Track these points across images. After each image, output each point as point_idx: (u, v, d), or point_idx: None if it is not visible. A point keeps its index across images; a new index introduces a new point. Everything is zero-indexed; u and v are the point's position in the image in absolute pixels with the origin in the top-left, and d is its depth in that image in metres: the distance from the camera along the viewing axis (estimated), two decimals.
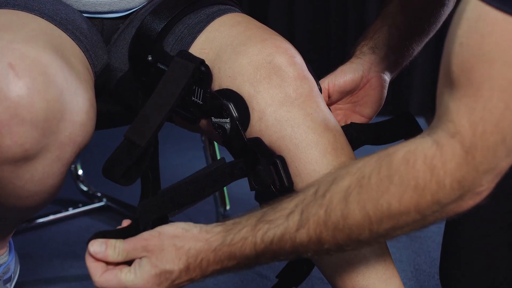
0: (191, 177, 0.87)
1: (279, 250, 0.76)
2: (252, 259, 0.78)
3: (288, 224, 0.76)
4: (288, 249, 0.76)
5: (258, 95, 0.89)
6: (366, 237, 0.74)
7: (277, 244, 0.76)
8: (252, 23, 0.97)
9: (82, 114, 0.85)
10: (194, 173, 0.88)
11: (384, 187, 0.71)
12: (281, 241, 0.76)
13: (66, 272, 1.42)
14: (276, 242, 0.76)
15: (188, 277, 0.78)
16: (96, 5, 1.03)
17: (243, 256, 0.78)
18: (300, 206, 0.76)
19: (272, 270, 1.40)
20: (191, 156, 2.21)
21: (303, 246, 0.76)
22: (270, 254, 0.77)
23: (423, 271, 1.40)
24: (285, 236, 0.76)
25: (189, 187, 0.87)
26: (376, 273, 0.88)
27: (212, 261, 0.78)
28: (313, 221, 0.74)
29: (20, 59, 0.80)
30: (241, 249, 0.78)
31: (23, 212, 0.99)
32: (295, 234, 0.75)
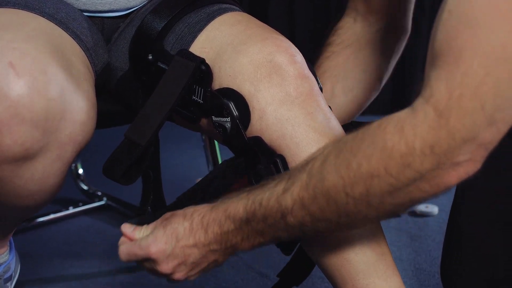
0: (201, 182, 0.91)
1: (268, 214, 0.78)
2: (244, 222, 0.80)
3: (276, 188, 0.78)
4: (275, 214, 0.77)
5: (258, 94, 0.89)
6: (343, 202, 0.73)
7: (265, 207, 0.78)
8: (252, 22, 0.97)
9: (83, 113, 0.85)
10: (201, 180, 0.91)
11: (356, 149, 0.72)
12: (268, 204, 0.78)
13: (66, 271, 1.42)
14: (265, 205, 0.78)
15: (193, 239, 0.82)
16: (97, 4, 1.03)
17: (237, 217, 0.80)
18: (289, 174, 0.78)
19: (273, 269, 1.40)
20: (192, 155, 2.21)
21: (288, 210, 0.76)
22: (259, 218, 0.78)
23: (424, 270, 1.40)
24: (272, 199, 0.78)
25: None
26: (377, 272, 0.88)
27: (211, 220, 0.82)
28: (296, 185, 0.76)
29: (20, 58, 0.80)
30: (235, 209, 0.80)
31: (24, 211, 0.99)
32: (281, 198, 0.77)
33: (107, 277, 1.39)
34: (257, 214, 0.79)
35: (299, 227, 0.78)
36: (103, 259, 1.47)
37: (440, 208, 1.72)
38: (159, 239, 0.84)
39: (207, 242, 0.83)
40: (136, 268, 1.43)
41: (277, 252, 1.46)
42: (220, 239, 0.82)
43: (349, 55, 1.10)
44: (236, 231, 0.81)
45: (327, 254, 0.89)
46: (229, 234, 0.82)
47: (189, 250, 0.83)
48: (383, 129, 0.70)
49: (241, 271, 1.41)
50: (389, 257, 0.90)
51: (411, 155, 0.68)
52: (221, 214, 0.82)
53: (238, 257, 1.47)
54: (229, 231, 0.82)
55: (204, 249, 0.83)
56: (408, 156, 0.68)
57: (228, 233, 0.82)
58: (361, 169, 0.71)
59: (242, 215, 0.80)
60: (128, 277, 1.39)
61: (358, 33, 1.11)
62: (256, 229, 0.80)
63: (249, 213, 0.79)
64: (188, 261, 0.84)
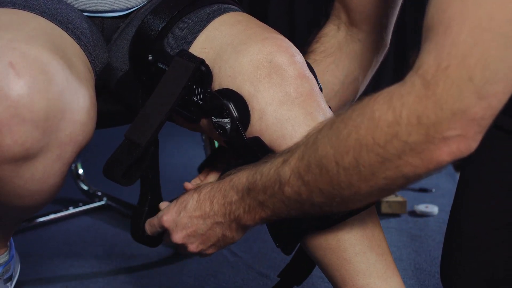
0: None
1: (267, 185, 0.79)
2: (245, 192, 0.82)
3: (276, 159, 0.80)
4: (273, 184, 0.79)
5: (258, 94, 0.89)
6: (334, 172, 0.73)
7: (265, 177, 0.80)
8: (252, 22, 0.97)
9: (83, 113, 0.85)
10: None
11: (347, 119, 0.72)
12: (268, 174, 0.80)
13: (67, 271, 1.42)
14: (265, 175, 0.80)
15: (199, 210, 0.86)
16: (97, 4, 1.03)
17: (240, 187, 0.83)
18: (290, 147, 0.80)
19: (273, 269, 1.40)
20: (191, 155, 2.21)
21: (286, 181, 0.77)
22: (260, 188, 0.80)
23: (424, 270, 1.40)
24: (271, 170, 0.79)
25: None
26: (377, 272, 0.88)
27: (217, 191, 0.85)
28: (294, 157, 0.77)
29: (20, 58, 0.80)
30: (239, 179, 0.83)
31: (24, 211, 0.99)
32: (280, 169, 0.78)
33: (107, 277, 1.39)
34: (258, 184, 0.80)
35: (296, 199, 0.78)
36: (103, 259, 1.48)
37: (440, 208, 1.72)
38: (171, 210, 0.91)
39: (212, 213, 0.86)
40: (136, 268, 1.44)
41: (277, 252, 1.46)
42: (224, 210, 0.85)
43: (329, 64, 1.10)
44: (239, 201, 0.83)
45: (327, 254, 0.89)
46: (232, 204, 0.84)
47: (196, 221, 0.87)
48: (373, 100, 0.71)
49: (241, 271, 1.41)
50: (389, 257, 0.90)
51: (397, 125, 0.68)
52: (226, 185, 0.85)
53: (238, 257, 1.47)
54: (232, 202, 0.84)
55: (209, 220, 0.86)
56: (395, 126, 0.68)
57: (231, 204, 0.84)
58: (350, 138, 0.71)
59: (244, 185, 0.82)
60: (128, 277, 1.39)
61: (340, 42, 1.11)
62: (257, 200, 0.81)
63: (251, 183, 0.81)
64: (196, 233, 0.88)
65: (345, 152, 0.72)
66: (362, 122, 0.70)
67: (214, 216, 0.86)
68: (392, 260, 0.90)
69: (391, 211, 1.69)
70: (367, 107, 0.71)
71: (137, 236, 1.00)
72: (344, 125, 0.72)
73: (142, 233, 1.00)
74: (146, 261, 1.47)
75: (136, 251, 1.50)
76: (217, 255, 1.48)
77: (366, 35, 1.11)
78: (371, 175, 0.71)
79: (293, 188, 0.77)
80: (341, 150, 0.72)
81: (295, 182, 0.77)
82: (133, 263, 1.46)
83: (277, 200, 0.80)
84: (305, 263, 1.01)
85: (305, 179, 0.76)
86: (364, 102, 0.72)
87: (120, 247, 1.53)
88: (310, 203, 0.78)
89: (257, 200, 0.81)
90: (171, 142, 2.31)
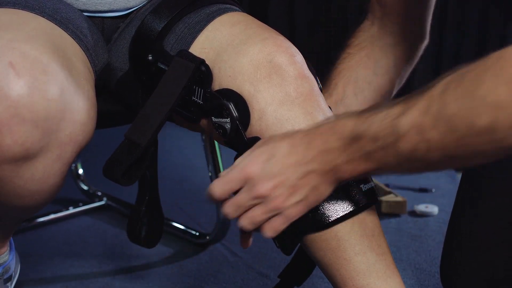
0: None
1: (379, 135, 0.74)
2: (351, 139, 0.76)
3: (391, 110, 0.75)
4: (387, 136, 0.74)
5: (258, 94, 0.89)
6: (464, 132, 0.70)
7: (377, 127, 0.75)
8: (252, 22, 0.97)
9: (83, 113, 0.85)
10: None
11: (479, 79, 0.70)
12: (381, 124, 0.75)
13: (67, 271, 1.42)
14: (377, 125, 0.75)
15: (294, 156, 0.78)
16: (97, 4, 1.03)
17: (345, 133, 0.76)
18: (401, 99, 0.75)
19: (273, 269, 1.40)
20: (191, 155, 2.21)
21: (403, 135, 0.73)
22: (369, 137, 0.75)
23: (424, 270, 1.40)
24: (385, 121, 0.74)
25: None
26: (377, 272, 0.88)
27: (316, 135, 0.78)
28: (414, 110, 0.73)
29: (20, 58, 0.80)
30: (343, 126, 0.77)
31: (24, 211, 0.99)
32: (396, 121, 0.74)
33: (107, 277, 1.39)
34: (367, 133, 0.75)
35: (409, 154, 0.74)
36: (103, 259, 1.48)
37: (440, 208, 1.72)
38: (257, 157, 0.81)
39: (307, 159, 0.78)
40: (136, 268, 1.43)
41: (277, 252, 1.46)
42: (321, 158, 0.78)
43: (362, 57, 1.13)
44: (342, 148, 0.77)
45: (327, 254, 0.89)
46: (333, 152, 0.77)
47: (288, 169, 0.79)
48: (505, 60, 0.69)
49: (241, 271, 1.41)
50: (389, 257, 0.90)
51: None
52: (327, 130, 0.78)
53: (238, 257, 1.47)
54: (333, 149, 0.77)
55: (303, 168, 0.78)
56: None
57: (332, 151, 0.77)
58: (487, 100, 0.69)
59: (350, 132, 0.76)
60: (128, 277, 1.39)
61: (373, 36, 1.14)
62: (363, 150, 0.76)
63: (358, 131, 0.76)
64: (287, 182, 0.79)
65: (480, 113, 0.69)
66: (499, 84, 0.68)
67: (309, 163, 0.78)
68: (392, 260, 0.90)
69: (391, 211, 1.69)
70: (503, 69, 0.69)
71: (134, 236, 1.00)
72: (477, 85, 0.70)
73: (139, 234, 0.99)
74: (146, 261, 1.47)
75: (136, 251, 1.50)
76: (217, 255, 1.48)
77: (399, 28, 1.13)
78: (504, 138, 0.69)
79: (409, 143, 0.73)
80: (475, 111, 0.69)
81: (414, 137, 0.72)
82: (133, 263, 1.46)
83: (387, 154, 0.75)
84: (305, 263, 1.01)
85: (429, 136, 0.72)
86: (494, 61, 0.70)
87: (120, 247, 1.53)
88: (423, 161, 0.74)
89: (362, 151, 0.76)
90: (170, 142, 2.31)
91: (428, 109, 0.72)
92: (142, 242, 1.01)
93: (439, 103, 0.71)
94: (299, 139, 0.79)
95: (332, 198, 0.86)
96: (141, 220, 0.99)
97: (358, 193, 0.88)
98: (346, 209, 0.87)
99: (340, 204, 0.87)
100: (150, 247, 1.02)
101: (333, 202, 0.86)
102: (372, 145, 0.75)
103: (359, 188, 0.88)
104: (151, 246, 1.02)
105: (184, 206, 1.76)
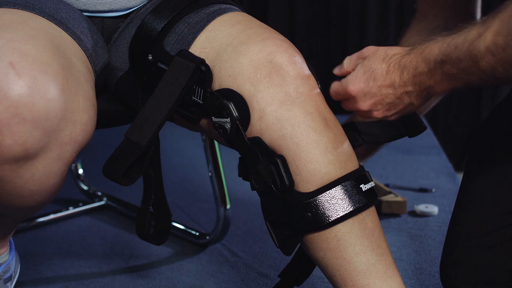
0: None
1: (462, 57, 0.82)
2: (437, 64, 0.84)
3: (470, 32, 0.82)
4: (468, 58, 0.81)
5: (258, 94, 0.89)
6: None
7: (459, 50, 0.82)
8: (252, 22, 0.97)
9: (83, 113, 0.85)
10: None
11: None
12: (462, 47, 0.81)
13: (67, 271, 1.42)
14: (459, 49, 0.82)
15: (389, 80, 0.88)
16: (97, 4, 1.03)
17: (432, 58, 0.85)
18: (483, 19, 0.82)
19: (273, 269, 1.40)
20: (192, 155, 2.21)
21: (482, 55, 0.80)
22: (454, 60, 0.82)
23: (424, 270, 1.40)
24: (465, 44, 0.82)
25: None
26: (377, 272, 0.88)
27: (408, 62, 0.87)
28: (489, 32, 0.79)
29: (20, 58, 0.80)
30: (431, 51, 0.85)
31: (24, 211, 0.99)
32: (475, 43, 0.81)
33: (107, 277, 1.39)
34: (451, 57, 0.83)
35: (490, 73, 0.81)
36: (103, 259, 1.48)
37: (440, 208, 1.72)
38: (358, 79, 0.91)
39: (402, 83, 0.88)
40: (136, 268, 1.43)
41: (277, 252, 1.46)
42: (414, 81, 0.87)
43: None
44: (430, 73, 0.85)
45: (327, 254, 0.89)
46: (423, 75, 0.86)
47: (385, 90, 0.89)
48: None
49: (241, 271, 1.41)
50: (389, 257, 0.90)
51: None
52: (417, 56, 0.86)
53: (238, 257, 1.47)
54: (423, 73, 0.86)
55: (399, 90, 0.88)
56: None
57: (422, 75, 0.86)
58: None
59: (436, 56, 0.84)
60: (128, 277, 1.39)
61: (419, 31, 1.18)
62: (450, 73, 0.84)
63: (444, 55, 0.83)
64: (384, 101, 0.90)
65: None
66: None
67: (404, 86, 0.87)
68: (392, 260, 0.90)
69: (391, 211, 1.69)
70: None
71: (143, 235, 1.02)
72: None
73: (148, 232, 1.00)
74: (146, 261, 1.47)
75: (136, 251, 1.50)
76: (217, 255, 1.48)
77: (444, 22, 1.16)
78: None
79: (488, 64, 0.80)
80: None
81: (490, 58, 0.79)
82: (133, 263, 1.46)
83: (470, 74, 0.82)
84: (305, 263, 1.01)
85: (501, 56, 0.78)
86: None
87: (120, 247, 1.53)
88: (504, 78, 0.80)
89: (449, 73, 0.83)
90: (171, 142, 2.31)
91: (500, 31, 0.78)
92: (152, 239, 1.02)
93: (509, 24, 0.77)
94: (393, 65, 0.88)
95: (333, 197, 0.86)
96: (148, 218, 1.00)
97: (358, 193, 0.88)
98: (346, 209, 0.87)
99: (340, 204, 0.87)
100: (160, 244, 1.04)
101: (333, 202, 0.86)
102: (456, 68, 0.83)
103: (359, 188, 0.88)
104: (161, 243, 1.03)
105: (184, 206, 1.77)
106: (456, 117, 2.65)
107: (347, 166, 0.89)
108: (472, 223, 1.04)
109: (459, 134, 2.65)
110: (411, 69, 0.87)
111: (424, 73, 0.85)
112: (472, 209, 1.05)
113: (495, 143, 1.05)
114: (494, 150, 1.04)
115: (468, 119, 2.64)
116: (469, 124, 2.64)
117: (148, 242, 1.03)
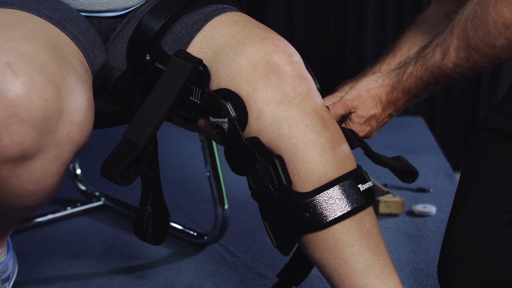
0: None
1: (436, 78, 0.95)
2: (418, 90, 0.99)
3: (435, 56, 0.95)
4: (439, 76, 0.95)
5: (256, 94, 0.89)
6: (502, 43, 0.87)
7: (433, 71, 0.95)
8: (250, 22, 0.97)
9: (80, 113, 0.85)
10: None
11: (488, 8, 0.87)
12: (434, 70, 0.95)
13: (65, 272, 1.42)
14: (433, 70, 0.95)
15: (387, 113, 1.04)
16: (94, 4, 1.03)
17: (413, 88, 0.99)
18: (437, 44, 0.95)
19: (271, 269, 1.40)
20: (190, 155, 2.21)
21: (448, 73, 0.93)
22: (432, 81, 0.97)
23: (422, 270, 1.40)
24: (435, 68, 0.95)
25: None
26: (375, 272, 0.88)
27: (400, 97, 1.01)
28: (452, 49, 0.92)
29: (18, 58, 0.80)
30: (410, 84, 0.99)
31: (22, 211, 0.99)
32: (440, 63, 0.94)
33: (105, 277, 1.39)
34: (430, 82, 0.97)
35: (461, 77, 0.94)
36: (102, 259, 1.48)
37: (438, 208, 1.73)
38: (361, 126, 1.05)
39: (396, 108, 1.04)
40: (135, 268, 1.43)
41: (275, 252, 1.46)
42: (405, 103, 1.03)
43: (426, 27, 1.23)
44: (410, 98, 1.01)
45: (325, 254, 0.89)
46: (402, 100, 1.02)
47: (385, 119, 1.05)
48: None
49: (239, 271, 1.41)
50: (387, 257, 0.90)
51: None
52: (399, 91, 1.01)
53: (237, 257, 1.47)
54: (403, 99, 1.02)
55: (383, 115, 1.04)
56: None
57: (402, 100, 1.02)
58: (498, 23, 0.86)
59: (417, 87, 0.99)
60: (127, 277, 1.39)
61: (431, 20, 1.23)
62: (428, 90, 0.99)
63: (423, 84, 0.98)
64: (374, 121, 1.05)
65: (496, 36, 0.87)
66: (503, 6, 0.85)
67: (385, 114, 1.04)
68: (390, 260, 0.90)
69: (389, 211, 1.69)
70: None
71: (141, 235, 1.02)
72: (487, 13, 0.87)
73: (146, 232, 1.00)
74: (144, 261, 1.47)
75: (134, 251, 1.50)
76: (215, 255, 1.48)
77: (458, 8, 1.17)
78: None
79: (458, 73, 0.94)
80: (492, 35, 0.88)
81: (458, 70, 0.93)
82: (132, 263, 1.46)
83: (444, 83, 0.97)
84: (303, 264, 1.01)
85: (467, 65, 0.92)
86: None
87: (118, 247, 1.53)
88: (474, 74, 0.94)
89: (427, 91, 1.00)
90: (169, 142, 2.31)
91: (459, 46, 0.91)
92: (150, 239, 1.02)
93: (465, 39, 0.90)
94: (386, 104, 1.03)
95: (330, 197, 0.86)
96: (147, 219, 1.00)
97: (356, 193, 0.88)
98: (344, 209, 0.87)
99: (338, 204, 0.87)
100: (158, 244, 1.03)
101: (331, 202, 0.87)
102: (434, 88, 0.98)
103: (357, 188, 0.88)
104: (159, 243, 1.03)
105: (182, 207, 1.77)
106: (454, 117, 2.65)
107: (345, 166, 0.89)
108: (470, 222, 1.04)
109: (457, 134, 2.65)
110: (403, 96, 1.02)
111: (404, 100, 1.02)
112: (470, 209, 1.05)
113: (492, 143, 1.05)
114: (492, 150, 1.05)
115: (466, 119, 2.64)
116: (467, 124, 2.64)
117: (146, 242, 1.03)
